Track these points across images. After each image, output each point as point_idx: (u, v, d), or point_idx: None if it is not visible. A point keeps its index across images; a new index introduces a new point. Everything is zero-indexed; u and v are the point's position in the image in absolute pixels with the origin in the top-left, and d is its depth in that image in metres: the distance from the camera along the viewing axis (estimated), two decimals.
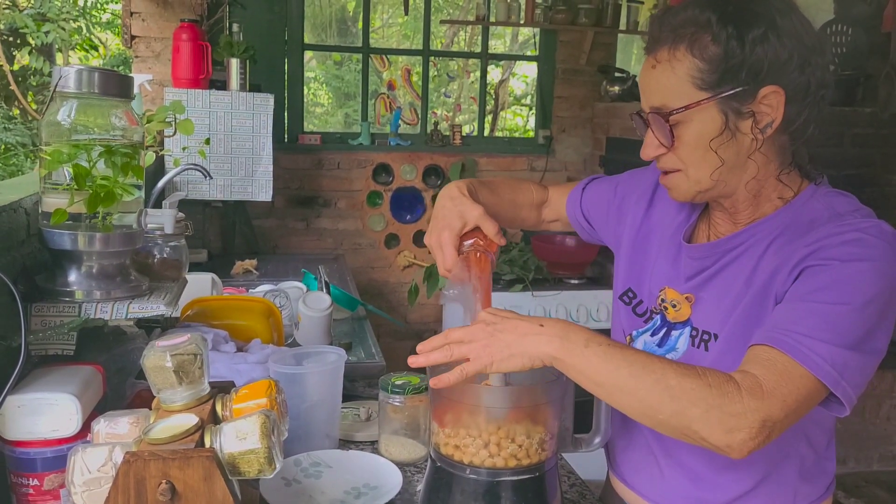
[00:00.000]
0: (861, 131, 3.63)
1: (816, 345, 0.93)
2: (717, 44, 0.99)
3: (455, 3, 8.12)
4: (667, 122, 1.03)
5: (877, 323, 0.96)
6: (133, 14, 3.14)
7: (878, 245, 0.97)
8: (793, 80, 1.00)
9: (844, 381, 0.93)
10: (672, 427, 0.93)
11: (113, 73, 1.22)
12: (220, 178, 2.91)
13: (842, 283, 0.96)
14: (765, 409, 0.90)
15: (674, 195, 1.12)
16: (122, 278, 1.24)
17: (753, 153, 1.04)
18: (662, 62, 1.04)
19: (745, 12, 1.00)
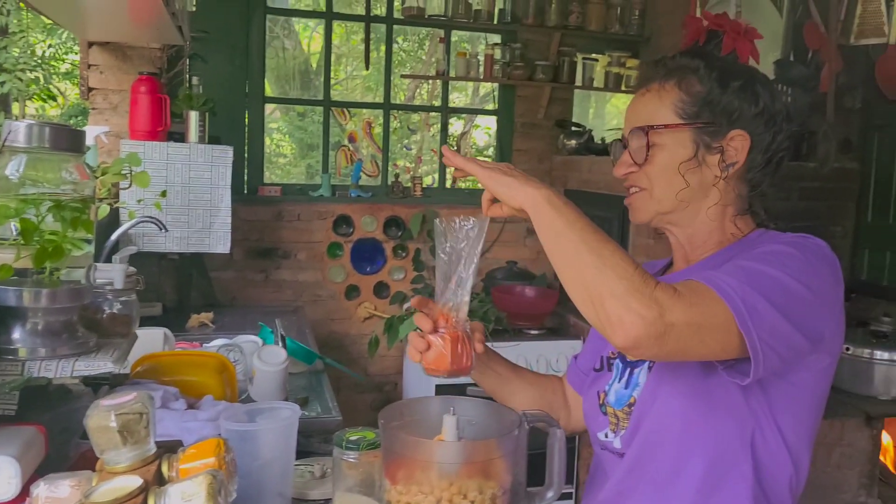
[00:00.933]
0: (806, 185, 3.74)
1: (732, 281, 0.98)
2: (702, 84, 1.15)
3: (417, 57, 8.26)
4: (647, 137, 1.15)
5: (802, 302, 1.00)
6: (91, 66, 3.14)
7: (804, 244, 1.07)
8: (759, 132, 1.14)
9: (752, 323, 0.95)
10: (584, 282, 0.97)
11: (64, 127, 1.22)
12: (177, 231, 2.89)
13: (769, 254, 1.04)
14: (668, 303, 0.93)
15: (636, 216, 1.22)
16: (69, 335, 1.22)
17: (715, 186, 1.15)
18: (652, 91, 1.19)
19: (729, 66, 1.18)
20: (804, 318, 1.00)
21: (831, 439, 2.57)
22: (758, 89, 1.15)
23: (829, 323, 1.06)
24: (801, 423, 1.14)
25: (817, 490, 2.60)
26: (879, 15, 2.36)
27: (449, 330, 1.12)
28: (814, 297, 1.02)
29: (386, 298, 3.97)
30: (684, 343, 0.95)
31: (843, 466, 2.60)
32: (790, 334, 0.99)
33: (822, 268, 1.06)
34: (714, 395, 1.10)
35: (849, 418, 2.61)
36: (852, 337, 2.86)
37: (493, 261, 4.06)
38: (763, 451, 1.12)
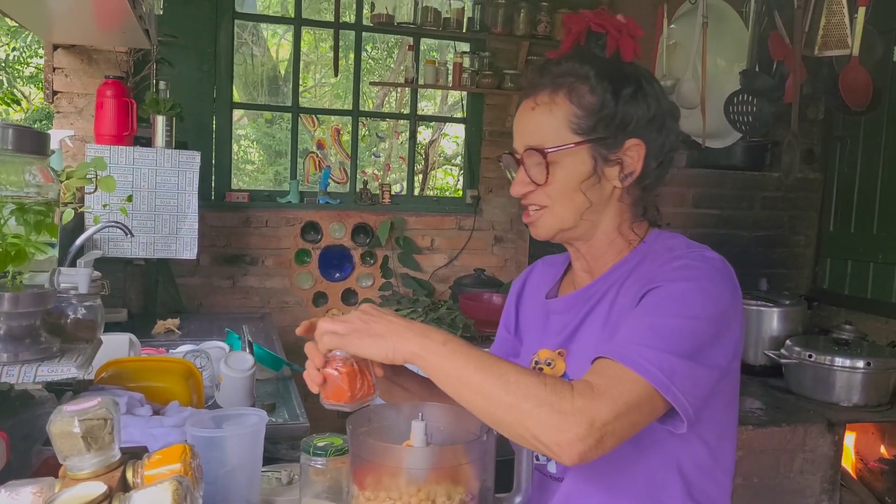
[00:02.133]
0: (770, 195, 3.82)
1: (644, 350, 0.97)
2: (594, 94, 1.12)
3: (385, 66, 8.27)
4: (544, 158, 1.13)
5: (708, 338, 1.02)
6: (56, 69, 3.10)
7: (701, 268, 1.07)
8: (652, 138, 1.14)
9: (675, 387, 0.96)
10: (509, 424, 0.95)
11: (28, 129, 1.20)
12: (143, 236, 2.85)
13: (669, 299, 1.03)
14: (593, 409, 0.92)
15: (537, 232, 1.20)
16: (32, 340, 1.20)
17: (615, 198, 1.16)
18: (542, 105, 1.15)
19: (618, 72, 1.16)
20: (714, 352, 1.03)
21: (794, 445, 2.61)
22: (647, 92, 1.15)
23: (733, 338, 1.08)
24: (723, 425, 1.17)
25: (780, 496, 2.64)
26: (843, 27, 2.41)
27: (345, 362, 1.07)
28: (718, 327, 1.03)
29: (354, 305, 3.95)
30: (622, 432, 0.95)
31: (805, 472, 2.64)
32: (707, 375, 1.01)
33: (720, 289, 1.06)
34: (642, 436, 1.08)
35: (811, 424, 2.65)
36: (814, 344, 2.91)
37: (461, 268, 4.07)
38: (691, 466, 1.15)
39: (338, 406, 1.08)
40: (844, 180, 3.93)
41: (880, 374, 2.77)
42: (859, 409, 2.77)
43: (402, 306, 3.69)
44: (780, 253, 3.92)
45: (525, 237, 4.05)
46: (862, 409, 2.78)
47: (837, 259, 3.94)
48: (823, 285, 3.97)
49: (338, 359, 1.06)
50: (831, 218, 3.99)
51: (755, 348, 3.16)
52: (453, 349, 0.98)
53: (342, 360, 1.06)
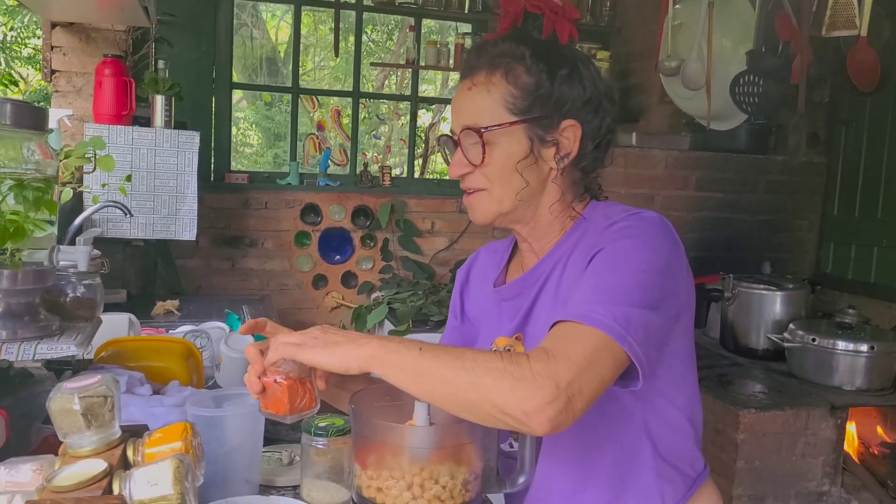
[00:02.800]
0: (773, 178, 3.79)
1: (595, 306, 0.98)
2: (530, 75, 1.13)
3: (386, 47, 8.22)
4: (481, 138, 1.12)
5: (657, 287, 1.03)
6: (54, 48, 3.06)
7: (640, 226, 1.09)
8: (588, 120, 1.15)
9: (630, 336, 0.96)
10: (474, 404, 0.93)
11: (26, 104, 1.18)
12: (142, 217, 2.83)
13: (612, 257, 1.05)
14: (552, 370, 0.91)
15: (476, 216, 1.20)
16: (31, 317, 1.18)
17: (552, 180, 1.17)
18: (479, 85, 1.15)
19: (554, 53, 1.16)
20: (664, 300, 1.04)
21: (796, 429, 2.61)
22: (583, 74, 1.15)
23: (682, 290, 1.10)
24: (682, 378, 1.18)
25: (782, 479, 2.64)
26: (851, 7, 2.38)
27: (288, 374, 1.03)
28: (665, 277, 1.05)
29: (353, 288, 3.94)
30: (589, 391, 0.93)
31: (807, 455, 2.64)
32: (660, 324, 1.02)
33: (661, 242, 1.08)
34: (605, 405, 1.09)
35: (813, 408, 2.65)
36: (817, 328, 2.90)
37: (462, 251, 4.06)
38: (659, 426, 1.17)
39: (275, 417, 1.06)
40: (849, 164, 3.90)
41: (883, 358, 2.76)
42: (862, 392, 2.77)
43: (402, 289, 3.67)
44: (783, 237, 3.91)
45: None
46: (865, 393, 2.77)
47: (841, 243, 3.92)
48: (827, 269, 3.96)
49: (280, 371, 1.03)
50: (835, 202, 3.97)
51: (758, 332, 3.15)
52: (409, 346, 0.97)
53: (285, 372, 1.03)
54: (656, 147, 3.53)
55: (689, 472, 1.22)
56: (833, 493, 2.74)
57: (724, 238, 3.75)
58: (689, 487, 1.22)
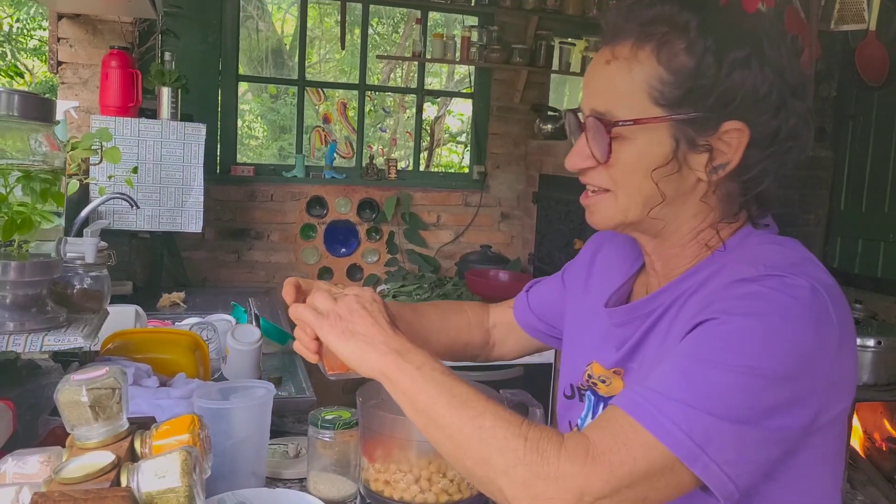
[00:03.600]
0: None
1: (670, 405, 0.75)
2: (690, 55, 0.84)
3: (392, 40, 8.20)
4: (608, 133, 0.87)
5: (770, 396, 0.76)
6: (60, 39, 3.06)
7: (776, 299, 0.78)
8: (763, 122, 0.85)
9: (708, 454, 0.73)
10: (479, 479, 0.80)
11: (34, 95, 1.18)
12: (148, 209, 2.84)
13: (719, 340, 0.78)
14: (582, 478, 0.73)
15: (594, 220, 0.95)
16: (38, 309, 1.18)
17: (697, 194, 0.90)
18: (620, 59, 0.87)
19: (731, 26, 0.86)
20: (780, 413, 0.76)
21: None
22: (768, 58, 0.84)
23: (821, 390, 0.79)
24: (818, 485, 0.88)
25: None
26: (859, 1, 2.37)
27: None
28: (790, 382, 0.76)
29: (359, 281, 3.94)
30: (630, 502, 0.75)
31: None
32: (764, 439, 0.76)
33: (799, 332, 0.77)
34: None
35: None
36: None
37: (467, 245, 4.05)
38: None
39: (346, 375, 1.00)
40: (856, 159, 3.89)
41: (890, 352, 2.76)
42: (869, 388, 2.76)
43: (407, 282, 3.67)
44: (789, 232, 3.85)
45: (532, 214, 4.02)
46: (871, 388, 2.76)
47: (848, 238, 3.91)
48: (833, 264, 3.95)
49: None
50: (842, 196, 3.96)
51: None
52: (428, 376, 0.83)
53: None
54: None
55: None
56: None
57: None
58: None
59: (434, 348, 1.13)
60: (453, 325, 1.24)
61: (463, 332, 1.25)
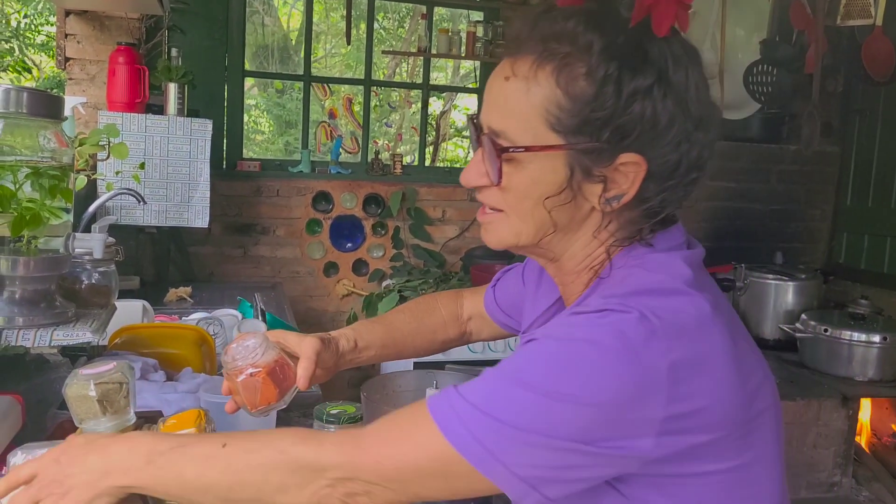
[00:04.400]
0: (786, 168, 3.78)
1: (465, 407, 0.74)
2: (590, 81, 0.78)
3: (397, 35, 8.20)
4: (499, 157, 0.82)
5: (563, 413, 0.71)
6: (68, 36, 3.07)
7: (592, 327, 0.75)
8: (662, 154, 0.80)
9: (500, 461, 0.72)
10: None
11: (42, 92, 1.19)
12: (155, 204, 2.85)
13: (524, 356, 0.77)
14: (347, 466, 0.76)
15: (487, 238, 0.91)
16: (47, 304, 1.20)
17: (592, 222, 0.85)
18: (520, 77, 0.82)
19: (636, 52, 0.79)
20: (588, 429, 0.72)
21: (807, 419, 2.61)
22: (673, 87, 0.79)
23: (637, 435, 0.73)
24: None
25: (793, 469, 2.64)
26: None
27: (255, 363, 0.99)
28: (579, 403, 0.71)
29: (365, 276, 3.95)
30: (405, 493, 0.77)
31: (818, 446, 2.64)
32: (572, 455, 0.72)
33: (609, 359, 0.72)
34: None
35: (825, 399, 2.65)
36: (830, 319, 2.89)
37: (473, 240, 4.06)
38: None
39: (270, 408, 1.01)
40: (862, 154, 3.88)
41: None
42: (874, 383, 2.76)
43: (413, 277, 3.68)
44: (795, 227, 3.89)
45: None
46: (877, 384, 2.77)
47: (854, 233, 3.90)
48: (839, 260, 3.94)
49: (248, 362, 0.99)
50: (848, 192, 3.95)
51: (769, 322, 3.15)
52: (160, 463, 0.81)
53: (252, 362, 0.98)
54: None
55: None
56: (844, 484, 2.74)
57: (736, 228, 3.74)
58: None
59: (412, 352, 1.17)
60: (428, 327, 1.25)
61: (439, 331, 1.26)
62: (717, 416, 0.76)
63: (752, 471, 0.81)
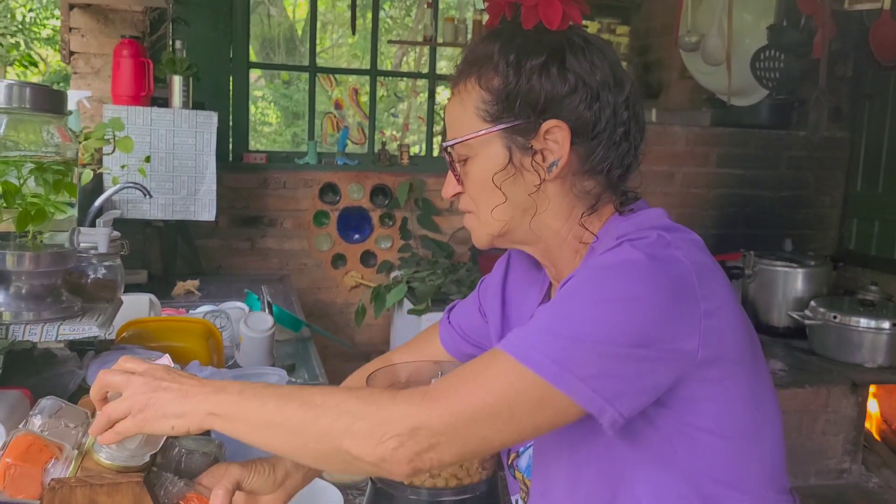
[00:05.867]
0: (795, 154, 3.75)
1: (537, 337, 0.82)
2: (498, 73, 0.94)
3: (404, 24, 8.17)
4: (452, 157, 0.98)
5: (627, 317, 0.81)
6: (72, 29, 3.07)
7: (623, 251, 0.86)
8: (576, 116, 0.93)
9: (571, 374, 0.79)
10: (326, 455, 0.85)
11: (45, 87, 1.19)
12: (162, 197, 2.85)
13: (572, 287, 0.86)
14: (418, 415, 0.80)
15: (473, 240, 1.05)
16: (53, 299, 1.20)
17: (548, 195, 0.96)
18: (456, 95, 0.99)
19: (530, 42, 0.95)
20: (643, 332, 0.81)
21: (817, 406, 2.60)
22: (567, 63, 0.92)
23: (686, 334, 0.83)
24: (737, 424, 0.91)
25: (802, 456, 2.63)
26: None
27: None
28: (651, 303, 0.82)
29: (373, 267, 3.95)
30: (477, 440, 0.81)
31: (828, 433, 2.63)
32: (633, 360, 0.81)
33: (648, 271, 0.84)
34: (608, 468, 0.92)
35: (835, 385, 2.64)
36: (839, 305, 2.88)
37: None
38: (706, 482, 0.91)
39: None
40: (872, 139, 3.84)
41: None
42: (884, 370, 2.75)
43: (421, 268, 3.68)
44: (805, 213, 3.87)
45: None
46: (886, 371, 2.75)
47: (864, 219, 3.87)
48: (849, 246, 3.92)
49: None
50: (858, 178, 3.92)
51: (779, 309, 3.14)
52: (250, 395, 0.87)
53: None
54: (676, 123, 3.50)
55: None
56: (854, 471, 2.73)
57: (745, 215, 3.72)
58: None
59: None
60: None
61: None
62: (733, 316, 0.88)
63: (762, 395, 0.93)
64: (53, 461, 0.89)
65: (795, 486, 1.05)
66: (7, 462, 0.87)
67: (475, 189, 0.99)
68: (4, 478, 0.87)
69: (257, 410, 0.85)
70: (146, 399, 0.87)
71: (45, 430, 0.91)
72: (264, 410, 0.85)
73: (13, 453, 0.88)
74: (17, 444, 0.89)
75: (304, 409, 0.84)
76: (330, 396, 0.85)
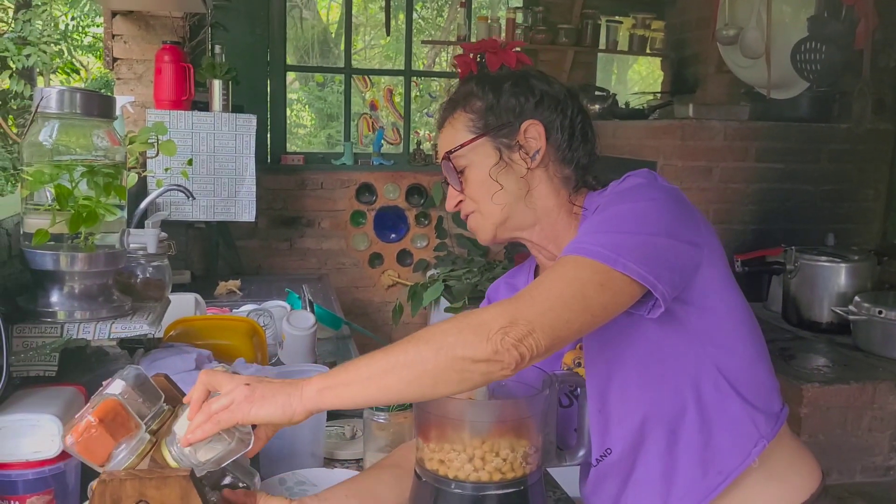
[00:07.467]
0: (837, 147, 3.68)
1: (589, 237, 1.02)
2: (479, 98, 1.20)
3: (436, 24, 8.19)
4: (453, 164, 1.19)
5: (656, 215, 1.05)
6: (115, 36, 3.14)
7: (635, 177, 1.12)
8: (547, 116, 1.18)
9: (623, 257, 0.97)
10: (443, 370, 0.93)
11: (95, 93, 1.23)
12: (203, 199, 2.90)
13: (610, 203, 1.09)
14: (512, 310, 0.94)
15: (480, 237, 1.24)
16: (105, 298, 1.24)
17: (537, 181, 1.19)
18: (446, 125, 1.23)
19: (499, 75, 1.25)
20: (667, 225, 1.04)
21: (862, 402, 2.56)
22: (531, 82, 1.20)
23: (697, 228, 1.08)
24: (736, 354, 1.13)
25: (847, 453, 2.59)
26: None
27: None
28: (668, 207, 1.06)
29: (409, 266, 3.98)
30: (560, 319, 0.94)
31: (873, 430, 2.59)
32: (666, 245, 1.03)
33: (656, 186, 1.10)
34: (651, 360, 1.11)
35: (880, 381, 2.59)
36: (884, 301, 2.82)
37: None
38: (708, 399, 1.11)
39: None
40: None
41: None
42: None
43: (457, 266, 3.69)
44: (847, 207, 3.79)
45: None
46: None
47: None
48: (894, 240, 3.83)
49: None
50: None
51: (821, 305, 3.09)
52: (352, 363, 0.96)
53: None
54: (714, 118, 3.45)
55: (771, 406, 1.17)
56: None
57: (786, 209, 3.66)
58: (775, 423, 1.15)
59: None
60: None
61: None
62: (710, 232, 1.12)
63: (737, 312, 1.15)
64: (126, 439, 0.91)
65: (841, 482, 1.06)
66: (90, 421, 0.90)
67: (475, 189, 1.20)
68: (83, 434, 0.90)
69: (367, 367, 0.94)
70: (249, 391, 0.94)
71: (125, 396, 0.94)
72: (374, 363, 0.94)
73: (100, 414, 0.90)
74: (104, 407, 0.91)
75: (411, 345, 0.94)
76: (426, 331, 0.96)
